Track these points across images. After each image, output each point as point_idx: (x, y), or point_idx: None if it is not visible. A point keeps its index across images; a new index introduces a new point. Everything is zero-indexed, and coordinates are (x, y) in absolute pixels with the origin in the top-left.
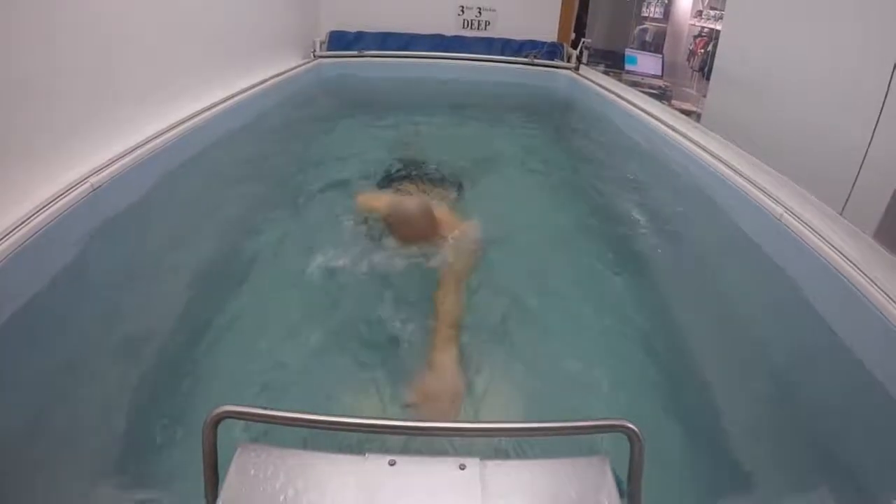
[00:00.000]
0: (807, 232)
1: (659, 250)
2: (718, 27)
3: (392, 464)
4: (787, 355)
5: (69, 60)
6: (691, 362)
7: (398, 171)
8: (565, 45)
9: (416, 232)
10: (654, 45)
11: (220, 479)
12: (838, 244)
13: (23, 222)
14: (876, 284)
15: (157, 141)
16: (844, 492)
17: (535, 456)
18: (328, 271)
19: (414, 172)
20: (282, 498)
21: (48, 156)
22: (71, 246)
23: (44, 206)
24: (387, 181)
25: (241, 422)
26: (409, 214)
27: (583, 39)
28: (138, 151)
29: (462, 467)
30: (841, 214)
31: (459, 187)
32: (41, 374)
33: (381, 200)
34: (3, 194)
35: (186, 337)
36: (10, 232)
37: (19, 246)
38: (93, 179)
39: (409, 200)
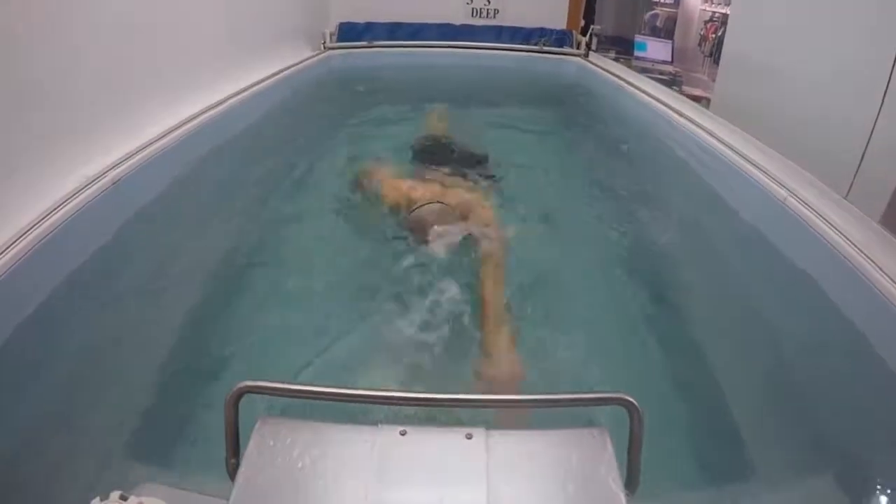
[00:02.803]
0: (811, 215)
1: (664, 232)
2: (729, 12)
3: (403, 433)
4: (790, 337)
5: (84, 59)
6: (694, 342)
7: (423, 149)
8: (574, 32)
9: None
10: (665, 31)
11: (241, 451)
12: (842, 227)
13: (45, 217)
14: (879, 267)
15: (168, 138)
16: (841, 471)
17: (538, 427)
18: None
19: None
20: (299, 466)
21: (67, 152)
22: (93, 238)
23: (66, 201)
24: (412, 159)
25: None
26: (427, 222)
27: (592, 26)
28: (152, 147)
29: (469, 437)
30: (846, 198)
31: (481, 165)
32: (67, 358)
33: (400, 190)
34: (25, 191)
35: (212, 322)
36: (35, 226)
37: (44, 238)
38: (112, 174)
39: (425, 210)
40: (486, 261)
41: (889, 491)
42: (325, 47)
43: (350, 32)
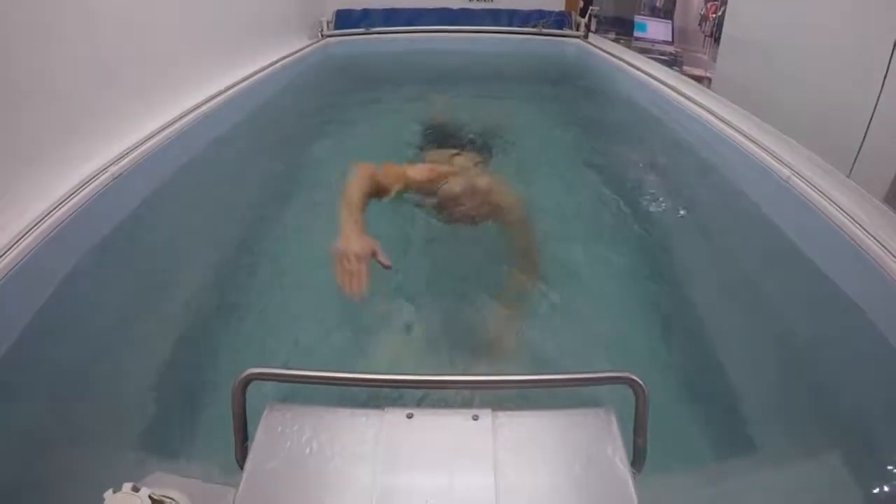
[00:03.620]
0: (814, 194)
1: (666, 212)
2: None
3: (410, 416)
4: (793, 316)
5: (84, 51)
6: (697, 322)
7: (426, 136)
8: (573, 13)
9: (465, 212)
10: (665, 11)
11: (250, 438)
12: (846, 206)
13: (48, 213)
14: (883, 245)
15: (169, 130)
16: (841, 448)
17: (543, 407)
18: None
19: (442, 138)
20: (307, 451)
21: (65, 151)
22: (96, 232)
23: (67, 197)
24: (419, 147)
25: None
26: (458, 195)
27: (591, 7)
28: (150, 142)
29: (475, 418)
30: (849, 177)
31: (488, 151)
32: (71, 355)
33: (419, 172)
34: (28, 189)
35: (218, 307)
36: (40, 221)
37: (49, 234)
38: (112, 169)
39: (454, 183)
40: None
41: (889, 468)
42: (322, 35)
43: (347, 20)
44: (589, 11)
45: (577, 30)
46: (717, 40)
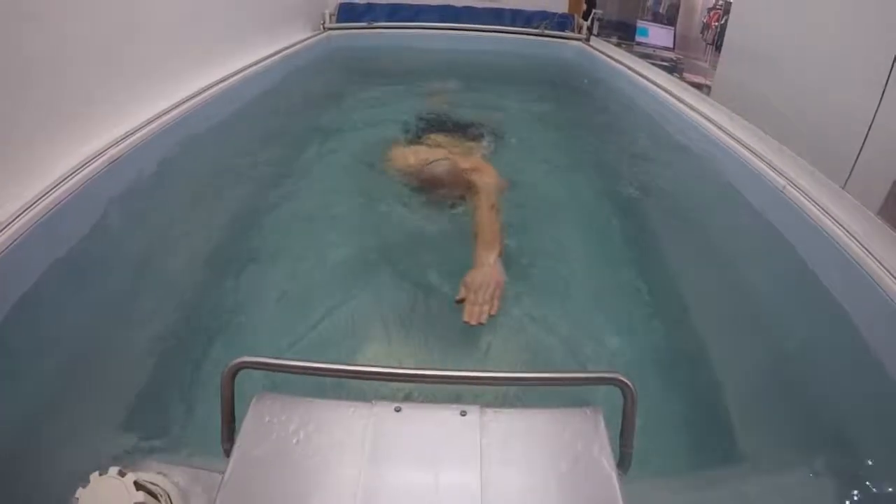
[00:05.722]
0: (809, 205)
1: (662, 219)
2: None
3: (398, 410)
4: (785, 326)
5: (87, 36)
6: (691, 329)
7: (426, 122)
8: (576, 16)
9: (446, 191)
10: (668, 18)
11: (238, 426)
12: (840, 218)
13: (44, 195)
14: (876, 258)
15: (165, 118)
16: (830, 460)
17: (531, 405)
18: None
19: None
20: (294, 441)
21: (63, 133)
22: (91, 214)
23: (63, 179)
24: (416, 133)
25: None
26: (439, 176)
27: (594, 10)
28: (146, 129)
29: (463, 413)
30: (844, 188)
31: (486, 134)
32: (63, 336)
33: (410, 159)
34: (23, 170)
35: (209, 295)
36: (32, 205)
37: (42, 216)
38: (111, 152)
39: (437, 165)
40: (481, 193)
41: (878, 481)
42: (324, 28)
43: (350, 13)
44: (592, 14)
45: (580, 32)
46: (718, 48)
